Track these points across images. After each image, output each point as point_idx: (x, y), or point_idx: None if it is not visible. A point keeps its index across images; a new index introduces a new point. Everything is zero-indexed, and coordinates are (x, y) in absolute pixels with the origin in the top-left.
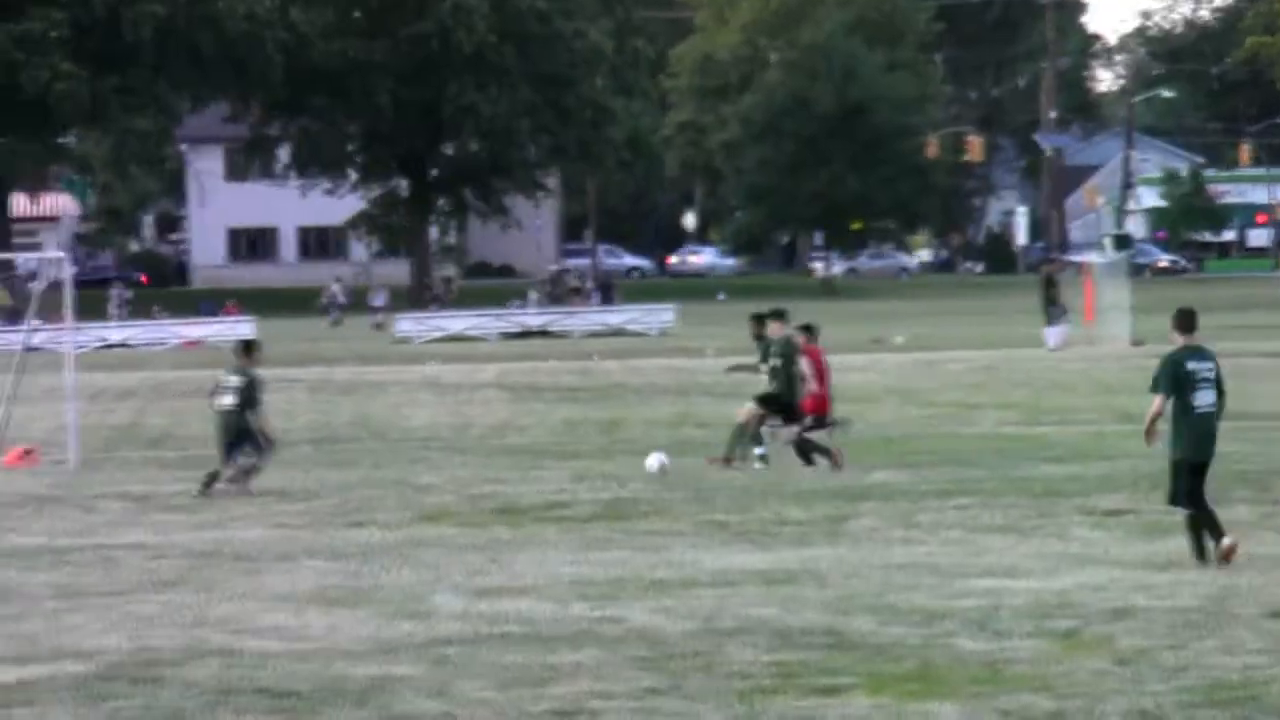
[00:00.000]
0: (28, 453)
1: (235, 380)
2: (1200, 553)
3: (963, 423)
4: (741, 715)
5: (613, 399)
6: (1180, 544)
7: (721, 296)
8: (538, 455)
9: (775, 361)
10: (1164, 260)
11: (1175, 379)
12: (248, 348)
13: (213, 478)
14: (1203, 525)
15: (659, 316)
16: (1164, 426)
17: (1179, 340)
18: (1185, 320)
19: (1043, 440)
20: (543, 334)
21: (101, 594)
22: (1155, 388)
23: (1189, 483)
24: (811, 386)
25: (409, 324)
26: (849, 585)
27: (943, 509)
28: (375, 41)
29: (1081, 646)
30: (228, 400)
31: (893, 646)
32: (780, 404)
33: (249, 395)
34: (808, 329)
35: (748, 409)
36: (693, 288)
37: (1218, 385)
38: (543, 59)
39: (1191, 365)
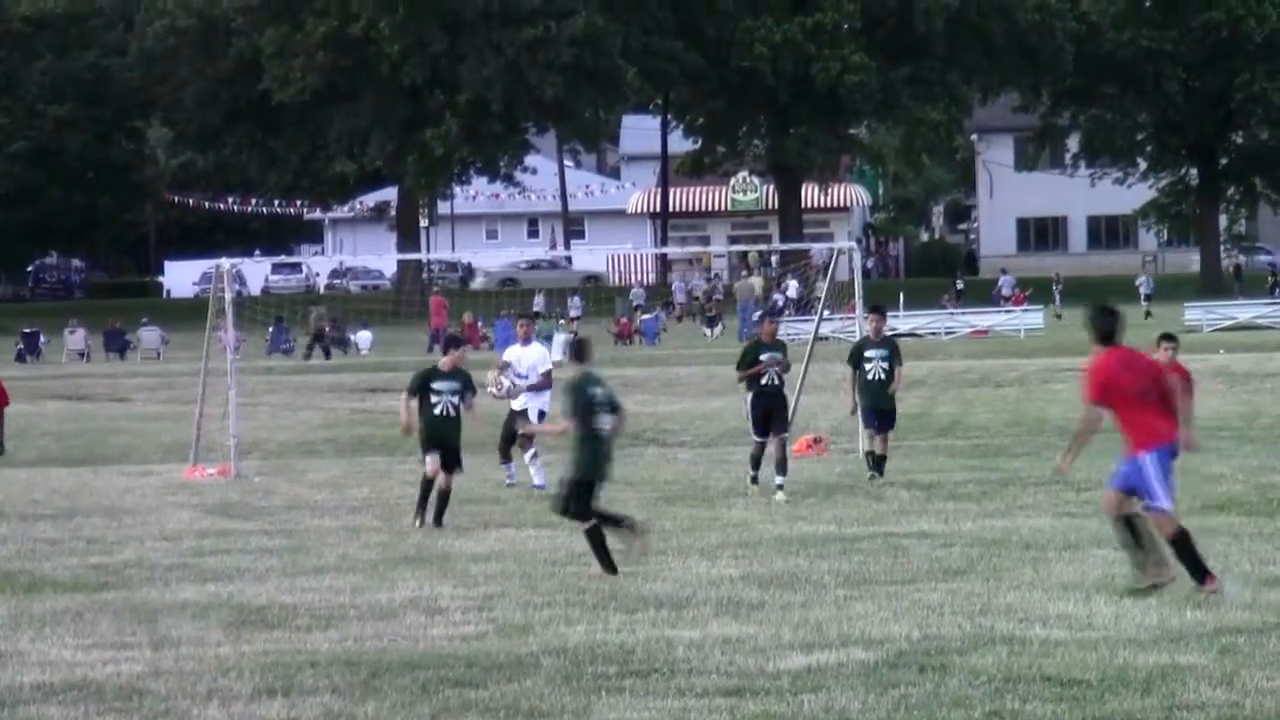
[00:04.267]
0: (816, 441)
1: None
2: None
3: None
4: None
5: None
6: None
7: None
8: None
9: None
10: None
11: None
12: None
13: None
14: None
15: None
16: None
17: (579, 367)
18: (583, 350)
19: None
20: None
21: (889, 582)
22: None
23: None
24: None
25: (1198, 313)
26: None
27: None
28: (1166, 30)
29: None
30: None
31: None
32: None
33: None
34: None
35: None
36: None
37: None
38: None
39: (593, 390)
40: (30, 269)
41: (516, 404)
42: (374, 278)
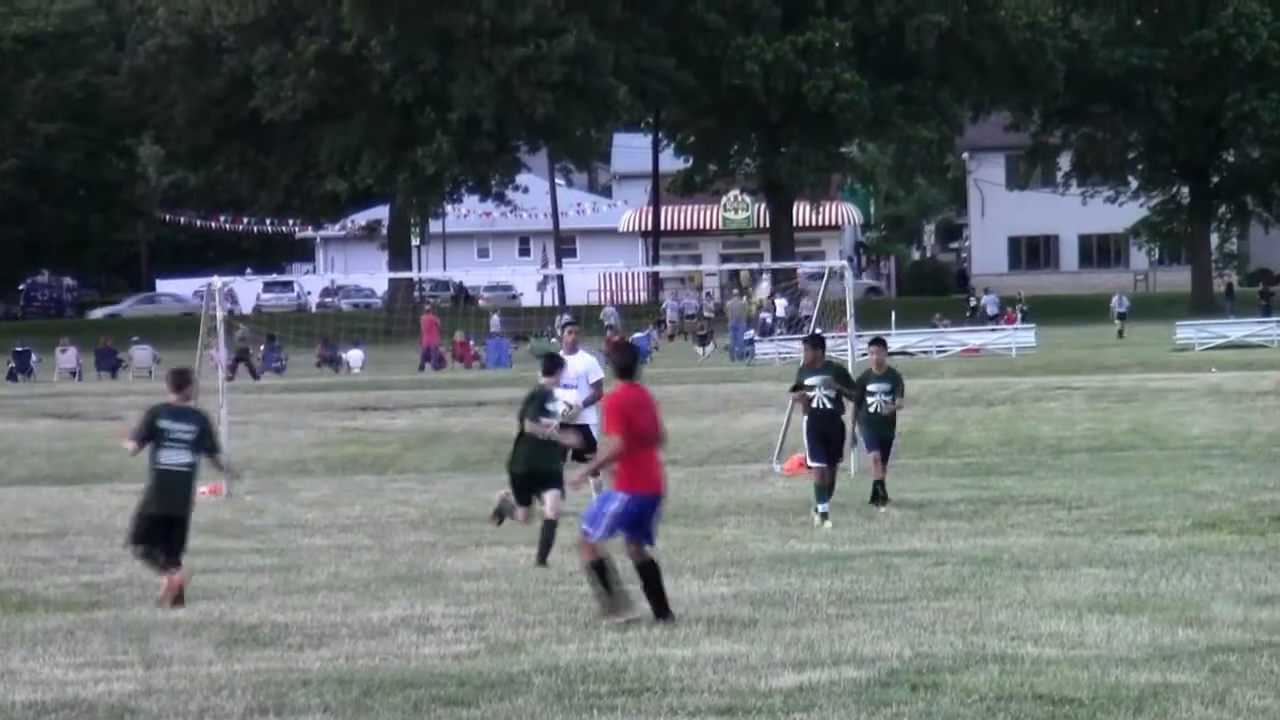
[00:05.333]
0: None
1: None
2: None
3: None
4: None
5: None
6: None
7: None
8: None
9: None
10: None
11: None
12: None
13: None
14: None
15: None
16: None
17: (169, 397)
18: (176, 380)
19: None
20: None
21: (881, 600)
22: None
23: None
24: None
25: (1189, 331)
26: None
27: None
28: (1157, 49)
29: None
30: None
31: None
32: None
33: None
34: None
35: None
36: None
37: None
38: None
39: (165, 423)
40: (21, 287)
41: (578, 418)
42: (365, 296)
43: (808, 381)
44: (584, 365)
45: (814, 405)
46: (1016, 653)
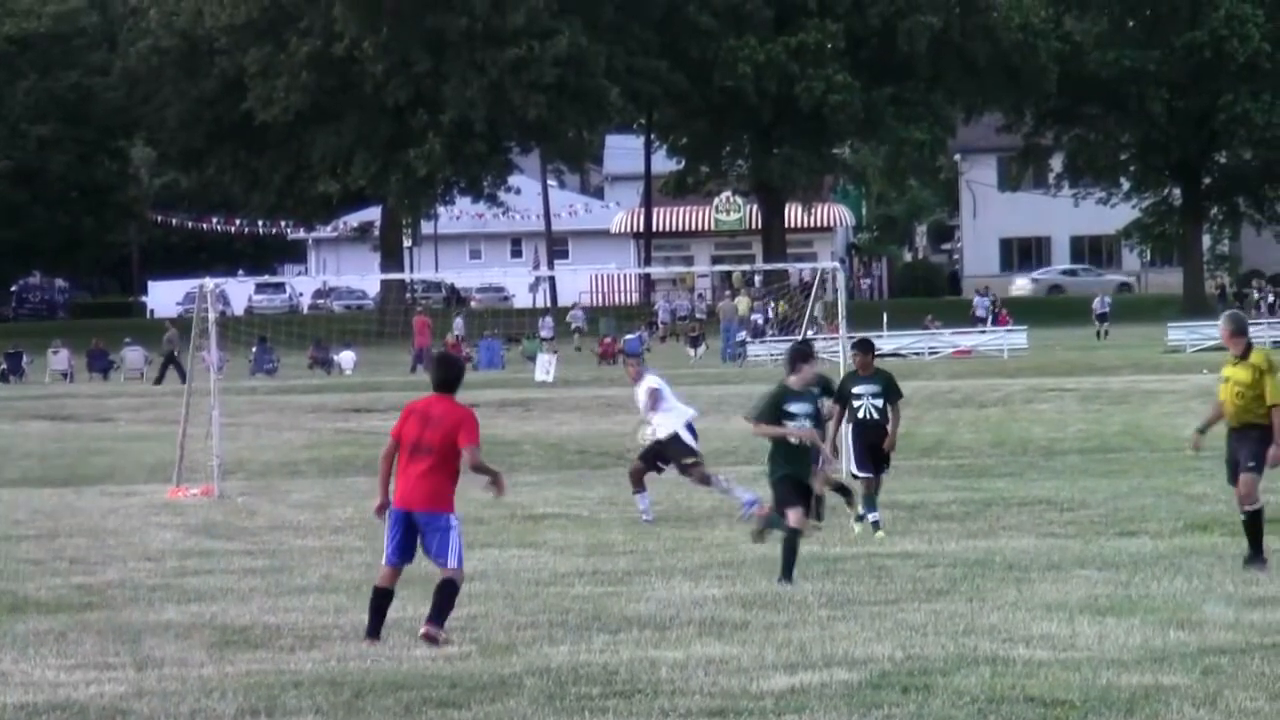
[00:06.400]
0: None
1: None
2: None
3: None
4: None
5: None
6: None
7: None
8: None
9: None
10: None
11: None
12: None
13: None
14: None
15: None
16: None
17: None
18: None
19: None
20: None
21: (872, 602)
22: None
23: None
24: None
25: (1180, 333)
26: None
27: None
28: (1149, 50)
29: None
30: None
31: None
32: None
33: None
34: None
35: None
36: None
37: None
38: None
39: None
40: (13, 289)
41: (661, 432)
42: (357, 298)
43: (855, 390)
44: (639, 392)
45: (860, 415)
46: (1008, 655)
